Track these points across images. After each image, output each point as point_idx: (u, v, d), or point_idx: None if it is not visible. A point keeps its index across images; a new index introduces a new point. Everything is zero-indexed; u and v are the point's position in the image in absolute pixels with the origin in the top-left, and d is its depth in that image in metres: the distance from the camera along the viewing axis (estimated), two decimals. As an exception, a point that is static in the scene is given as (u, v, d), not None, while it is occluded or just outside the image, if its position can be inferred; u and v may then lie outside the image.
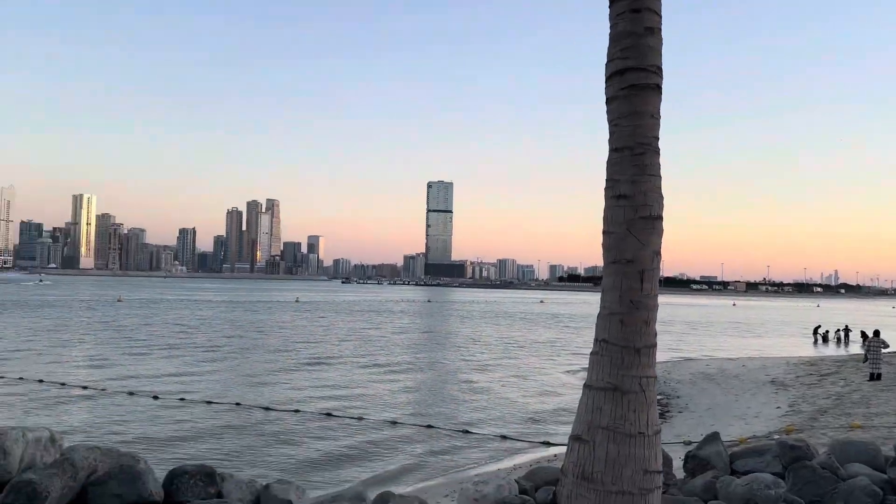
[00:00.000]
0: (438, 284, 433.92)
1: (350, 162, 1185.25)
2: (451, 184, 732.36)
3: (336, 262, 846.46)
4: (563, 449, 17.18)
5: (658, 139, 6.16)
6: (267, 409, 21.94)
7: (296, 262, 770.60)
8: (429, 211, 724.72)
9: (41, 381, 26.09)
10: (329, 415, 21.11)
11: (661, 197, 6.14)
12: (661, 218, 6.09)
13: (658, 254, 6.06)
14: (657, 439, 6.04)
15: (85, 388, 25.04)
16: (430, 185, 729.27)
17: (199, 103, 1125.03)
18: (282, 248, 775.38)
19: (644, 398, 5.91)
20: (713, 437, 9.41)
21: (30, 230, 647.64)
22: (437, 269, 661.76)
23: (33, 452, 7.38)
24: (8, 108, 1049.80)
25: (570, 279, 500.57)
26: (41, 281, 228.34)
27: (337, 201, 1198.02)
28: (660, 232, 6.08)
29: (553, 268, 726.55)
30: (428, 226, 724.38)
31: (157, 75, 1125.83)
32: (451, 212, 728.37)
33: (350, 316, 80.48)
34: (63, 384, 25.51)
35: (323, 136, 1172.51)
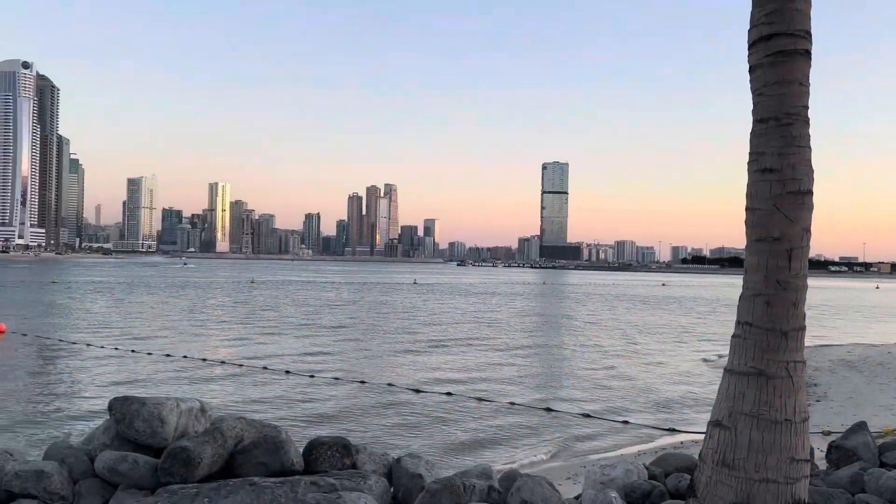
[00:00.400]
0: (554, 267, 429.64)
1: (464, 145, 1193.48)
2: (566, 164, 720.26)
3: (451, 244, 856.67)
4: (691, 437, 16.64)
5: (807, 108, 5.73)
6: (390, 385, 22.61)
7: (412, 244, 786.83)
8: (544, 192, 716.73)
9: (185, 356, 28.20)
10: (449, 394, 21.46)
11: (811, 170, 5.72)
12: (811, 193, 5.68)
13: (808, 231, 5.66)
14: (805, 427, 5.69)
15: (223, 363, 26.82)
16: (544, 167, 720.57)
17: (320, 95, 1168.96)
18: (399, 231, 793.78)
19: (791, 383, 5.57)
20: (859, 427, 8.77)
21: (171, 217, 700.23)
22: (553, 252, 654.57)
23: (186, 422, 7.97)
24: (153, 104, 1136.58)
25: (694, 261, 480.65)
26: (185, 264, 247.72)
27: (452, 185, 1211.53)
28: (810, 207, 5.67)
29: (675, 249, 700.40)
30: (543, 207, 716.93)
31: (285, 70, 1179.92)
32: (566, 193, 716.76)
33: (466, 298, 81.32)
34: (204, 360, 27.45)
35: (438, 121, 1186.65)
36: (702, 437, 16.96)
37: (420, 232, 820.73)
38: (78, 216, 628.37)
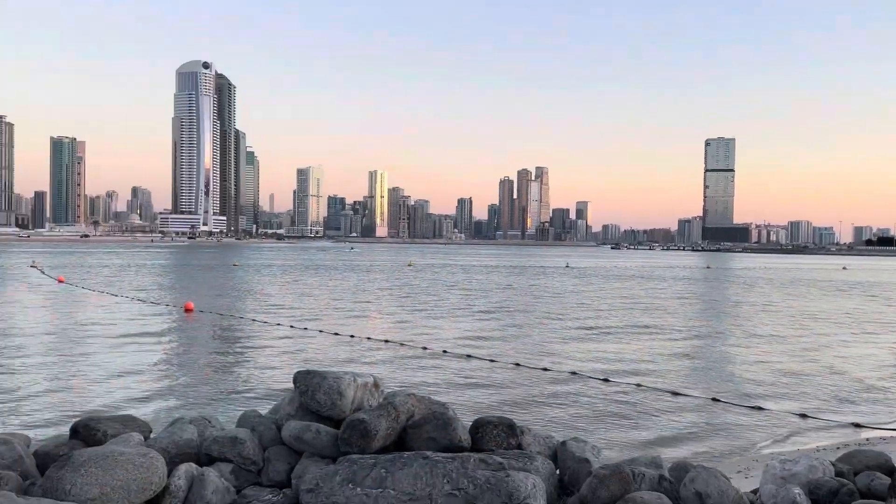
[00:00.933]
0: (718, 249, 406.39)
1: (619, 124, 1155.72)
2: (732, 140, 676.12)
3: (605, 227, 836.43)
4: (879, 433, 15.19)
5: None
6: (545, 370, 22.61)
7: (564, 227, 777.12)
8: (707, 171, 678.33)
9: (352, 335, 29.86)
10: (606, 380, 21.08)
11: None
12: None
13: None
14: None
15: (387, 342, 28.12)
16: (707, 143, 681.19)
17: (470, 84, 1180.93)
18: (550, 214, 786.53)
19: None
20: None
21: (335, 204, 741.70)
22: (716, 234, 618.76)
23: (361, 395, 8.49)
24: (318, 98, 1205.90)
25: (880, 242, 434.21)
26: (352, 249, 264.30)
27: (605, 166, 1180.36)
28: None
29: (858, 230, 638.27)
30: (706, 187, 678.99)
31: (435, 62, 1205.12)
32: (732, 171, 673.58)
33: (622, 282, 79.16)
34: (369, 338, 28.93)
35: (589, 101, 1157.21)
36: (891, 434, 15.45)
37: (572, 215, 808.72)
38: (254, 204, 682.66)
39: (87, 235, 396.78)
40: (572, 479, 7.30)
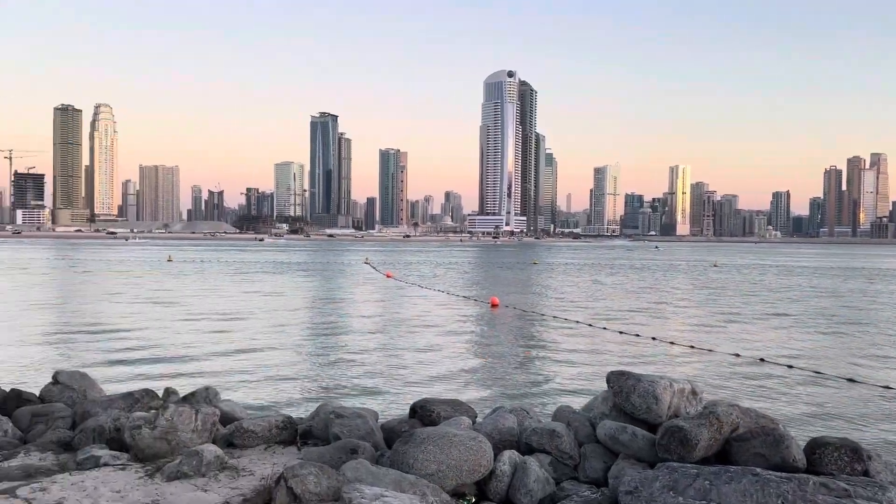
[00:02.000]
0: None
1: None
2: None
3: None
4: None
5: None
6: (887, 388, 19.54)
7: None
8: None
9: (653, 338, 29.02)
10: None
11: None
12: None
13: None
14: None
15: (692, 347, 26.78)
16: None
17: (782, 60, 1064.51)
18: (890, 208, 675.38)
19: None
20: None
21: (633, 201, 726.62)
22: None
23: (678, 402, 8.25)
24: (614, 97, 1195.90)
25: None
26: (657, 248, 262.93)
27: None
28: None
29: None
30: None
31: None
32: None
33: None
34: (672, 343, 27.83)
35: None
36: None
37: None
38: (552, 204, 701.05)
39: (408, 235, 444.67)
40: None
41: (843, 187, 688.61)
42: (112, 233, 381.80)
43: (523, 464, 7.72)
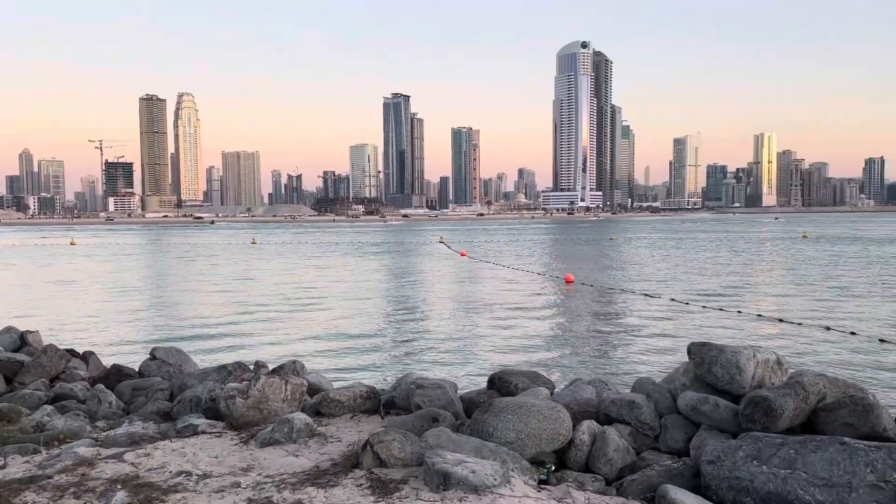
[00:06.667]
0: None
1: None
2: None
3: None
4: None
5: None
6: None
7: None
8: None
9: (739, 311, 28.19)
10: None
11: None
12: None
13: None
14: None
15: (780, 320, 25.89)
16: None
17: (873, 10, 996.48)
18: None
19: None
20: None
21: (716, 172, 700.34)
22: None
23: (762, 372, 8.08)
24: (693, 66, 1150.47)
25: None
26: (777, 219, 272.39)
27: None
28: None
29: None
30: None
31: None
32: None
33: None
34: (759, 315, 26.99)
35: None
36: None
37: None
38: (629, 178, 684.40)
39: (482, 214, 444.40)
40: None
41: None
42: (198, 217, 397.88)
43: (603, 433, 7.76)
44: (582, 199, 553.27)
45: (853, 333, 22.76)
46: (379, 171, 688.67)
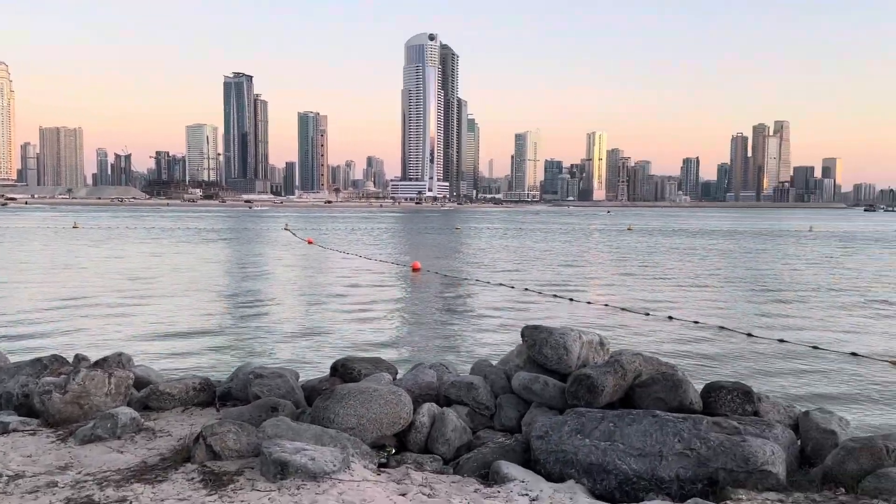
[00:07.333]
0: None
1: (864, 72, 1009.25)
2: None
3: (856, 187, 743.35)
4: None
5: None
6: (781, 341, 21.02)
7: (807, 188, 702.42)
8: None
9: (571, 299, 30.01)
10: (815, 347, 19.43)
11: None
12: None
13: None
14: None
15: (606, 305, 27.89)
16: None
17: (694, 29, 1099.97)
18: (791, 173, 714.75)
19: None
20: None
21: (552, 168, 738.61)
22: None
23: (587, 352, 8.68)
24: (535, 63, 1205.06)
25: None
26: (609, 212, 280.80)
27: (857, 117, 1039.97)
28: None
29: None
30: None
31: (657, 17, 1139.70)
32: None
33: (889, 247, 70.05)
34: (588, 302, 28.89)
35: (841, 49, 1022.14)
36: None
37: (817, 173, 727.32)
38: (474, 170, 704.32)
39: (329, 201, 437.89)
40: (815, 450, 6.88)
41: (749, 153, 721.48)
42: (11, 199, 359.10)
43: (441, 415, 7.98)
44: (430, 190, 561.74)
45: (671, 318, 25.00)
46: (219, 154, 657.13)
